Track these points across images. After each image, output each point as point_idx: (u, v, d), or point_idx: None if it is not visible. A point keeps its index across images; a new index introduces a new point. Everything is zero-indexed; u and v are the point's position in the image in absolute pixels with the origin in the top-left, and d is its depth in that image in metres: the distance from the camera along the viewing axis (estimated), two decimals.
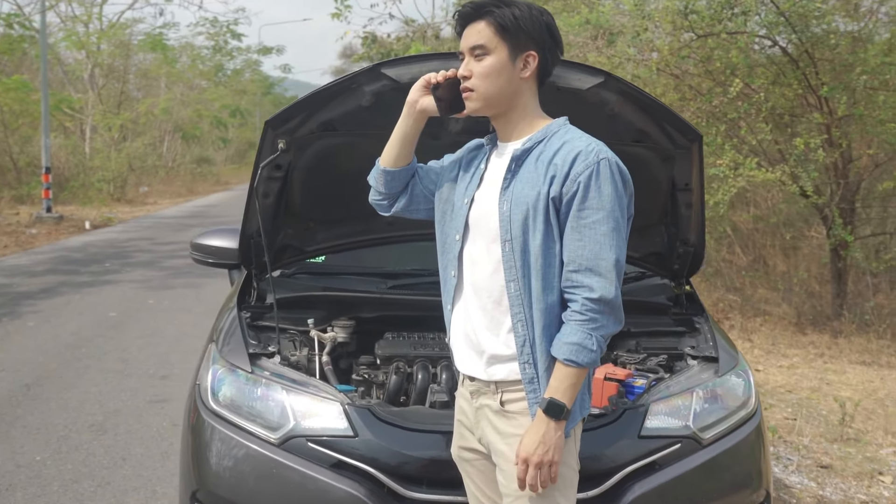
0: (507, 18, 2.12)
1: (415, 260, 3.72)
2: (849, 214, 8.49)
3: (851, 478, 4.76)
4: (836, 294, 8.89)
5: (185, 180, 28.72)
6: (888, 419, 5.81)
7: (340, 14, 15.38)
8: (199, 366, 3.07)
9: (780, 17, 7.74)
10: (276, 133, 2.90)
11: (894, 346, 7.82)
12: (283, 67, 46.06)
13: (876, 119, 7.77)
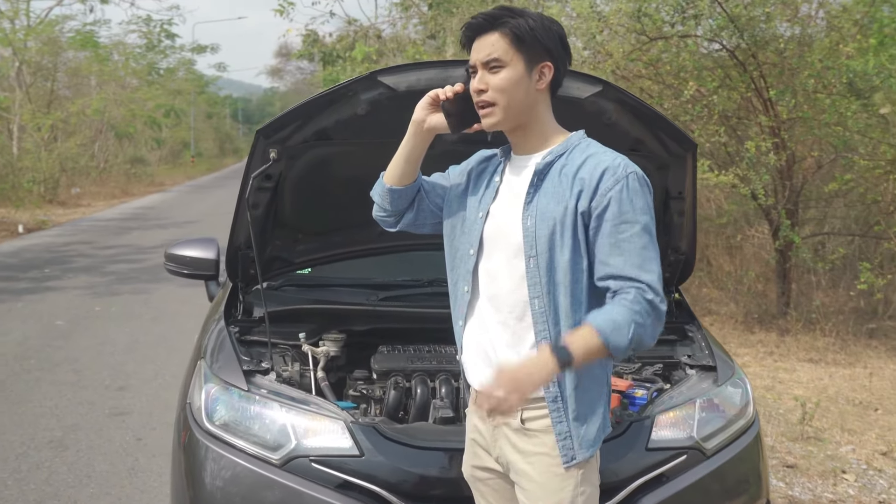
0: (523, 29, 2.09)
1: (404, 271, 3.67)
2: (793, 215, 8.68)
3: (817, 477, 4.85)
4: (781, 293, 9.09)
5: (118, 181, 28.03)
6: (842, 417, 5.94)
7: (284, 10, 15.17)
8: (185, 383, 2.97)
9: (729, 22, 7.87)
10: (268, 142, 2.83)
11: (839, 344, 8.01)
12: (218, 66, 45.45)
13: (821, 122, 7.96)
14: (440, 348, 3.12)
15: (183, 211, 20.59)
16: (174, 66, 37.98)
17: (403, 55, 15.44)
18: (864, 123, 8.17)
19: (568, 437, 2.09)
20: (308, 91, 46.51)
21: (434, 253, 3.48)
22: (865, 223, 9.66)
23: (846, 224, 10.19)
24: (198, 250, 3.86)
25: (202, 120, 48.89)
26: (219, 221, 17.57)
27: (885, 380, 6.99)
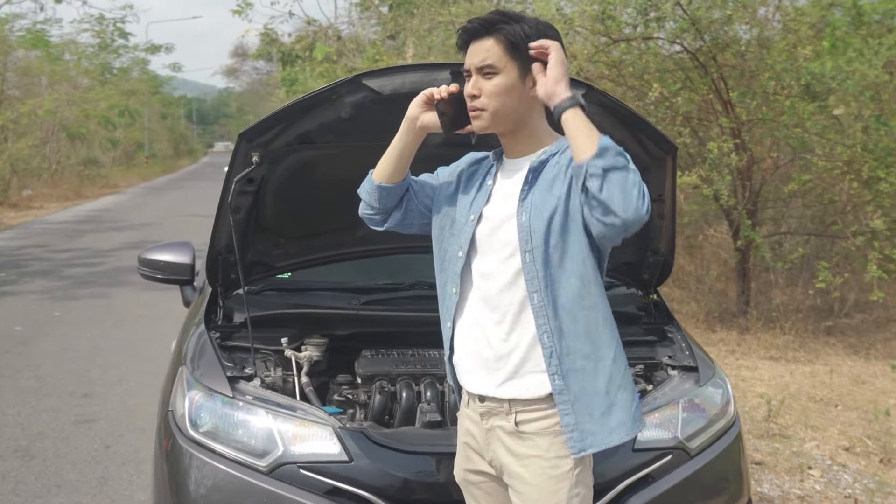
0: (517, 36, 2.09)
1: (386, 274, 3.66)
2: (753, 215, 8.82)
3: (784, 473, 4.93)
4: (741, 292, 9.23)
5: (71, 183, 27.54)
6: (805, 413, 6.05)
7: (242, 11, 15.08)
8: (166, 390, 2.93)
9: (690, 24, 7.97)
10: (251, 146, 2.80)
11: (798, 342, 8.15)
12: (173, 66, 44.90)
13: (780, 123, 8.09)
14: (424, 352, 3.12)
15: (139, 213, 20.30)
16: (128, 66, 37.52)
17: (363, 55, 15.44)
18: (821, 125, 8.33)
19: (575, 429, 2.08)
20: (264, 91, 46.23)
21: (416, 256, 3.49)
22: (821, 223, 9.84)
23: (802, 224, 10.38)
24: (172, 255, 3.81)
25: (156, 120, 48.31)
26: (177, 224, 17.38)
27: (843, 376, 7.13)
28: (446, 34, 13.20)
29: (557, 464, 2.10)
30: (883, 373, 7.21)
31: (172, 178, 38.77)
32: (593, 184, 1.88)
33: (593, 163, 1.89)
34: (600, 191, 1.87)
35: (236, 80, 61.40)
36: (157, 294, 9.34)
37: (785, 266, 8.98)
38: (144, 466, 4.54)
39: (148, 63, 39.73)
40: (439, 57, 13.27)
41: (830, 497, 4.61)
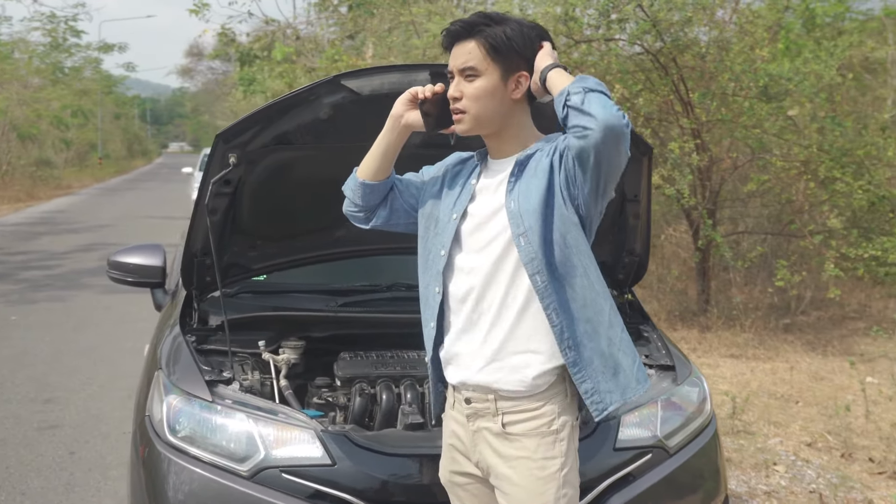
0: (499, 39, 2.09)
1: (362, 276, 3.64)
2: (713, 215, 8.93)
3: (750, 469, 5.00)
4: (701, 291, 9.34)
5: (23, 184, 26.98)
6: (767, 410, 6.14)
7: (199, 11, 14.91)
8: (141, 395, 2.88)
9: (651, 26, 8.05)
10: (228, 147, 2.77)
11: (758, 339, 8.27)
12: (127, 66, 44.20)
13: (740, 124, 8.21)
14: (403, 353, 3.11)
15: (94, 215, 19.96)
16: (80, 66, 36.92)
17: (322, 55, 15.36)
18: (779, 126, 8.47)
19: (595, 392, 2.11)
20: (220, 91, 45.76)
21: (393, 258, 3.49)
22: (777, 221, 10.01)
23: (759, 223, 10.54)
24: (143, 257, 3.75)
25: (110, 121, 47.58)
26: (134, 225, 17.15)
27: (802, 373, 7.25)
28: (406, 34, 13.21)
29: (545, 465, 2.11)
30: (840, 369, 7.34)
31: (127, 178, 38.22)
32: (574, 99, 1.92)
33: (575, 85, 1.95)
34: (581, 104, 1.91)
35: (191, 80, 60.88)
36: (118, 297, 9.21)
37: (744, 265, 9.11)
38: (112, 472, 4.48)
39: (101, 62, 39.20)
40: (399, 57, 13.26)
41: (796, 492, 4.68)
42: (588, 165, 1.98)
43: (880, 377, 7.08)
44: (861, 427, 5.77)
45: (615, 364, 2.13)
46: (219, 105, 46.57)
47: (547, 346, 2.12)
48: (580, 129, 1.92)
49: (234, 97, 27.29)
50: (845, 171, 8.28)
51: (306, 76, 14.87)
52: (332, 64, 14.72)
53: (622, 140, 1.93)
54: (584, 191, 2.05)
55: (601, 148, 1.92)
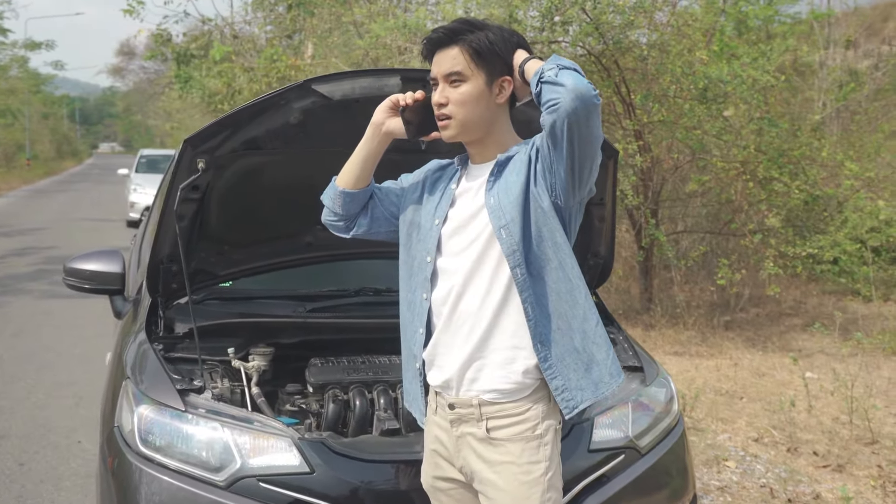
0: (482, 44, 2.12)
1: (329, 281, 3.61)
2: (655, 215, 9.09)
3: (702, 465, 5.10)
4: (644, 289, 9.50)
5: None
6: (714, 407, 6.27)
7: (133, 10, 14.62)
8: (108, 406, 2.82)
9: (594, 28, 8.15)
10: (196, 152, 2.73)
11: (700, 337, 8.44)
12: (55, 64, 43.00)
13: (680, 125, 8.37)
14: (374, 358, 3.10)
15: (27, 218, 19.39)
16: (6, 64, 35.87)
17: (261, 55, 15.21)
18: (718, 127, 8.65)
19: (565, 389, 2.14)
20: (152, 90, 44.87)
21: (358, 262, 3.47)
22: (716, 220, 10.22)
23: (697, 222, 10.76)
24: (101, 263, 3.66)
25: (38, 120, 46.31)
26: (68, 228, 16.72)
27: (745, 369, 7.42)
28: (347, 35, 13.15)
29: (530, 469, 2.13)
30: (781, 365, 7.54)
31: (57, 180, 37.21)
32: (548, 74, 1.96)
33: (549, 62, 2.00)
34: (555, 77, 1.95)
35: (122, 79, 59.65)
36: (58, 302, 9.00)
37: (686, 264, 9.29)
38: (65, 483, 4.37)
39: (28, 61, 38.12)
40: (340, 58, 13.21)
41: (747, 487, 4.79)
42: (561, 141, 1.99)
43: (818, 372, 7.27)
44: (804, 422, 5.93)
45: (588, 358, 2.17)
46: (151, 105, 45.67)
47: (529, 341, 2.15)
48: (551, 102, 1.94)
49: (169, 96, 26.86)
50: (783, 171, 8.49)
51: (245, 76, 14.71)
52: (270, 64, 14.59)
53: (593, 112, 1.95)
54: (561, 174, 2.06)
55: (572, 119, 1.93)
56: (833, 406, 6.26)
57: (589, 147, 2.02)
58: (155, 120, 44.25)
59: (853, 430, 5.68)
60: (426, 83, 2.24)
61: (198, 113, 25.59)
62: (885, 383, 6.77)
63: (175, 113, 29.53)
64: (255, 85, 14.69)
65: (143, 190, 16.87)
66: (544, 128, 2.00)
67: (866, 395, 6.03)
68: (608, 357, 2.20)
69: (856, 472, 5.09)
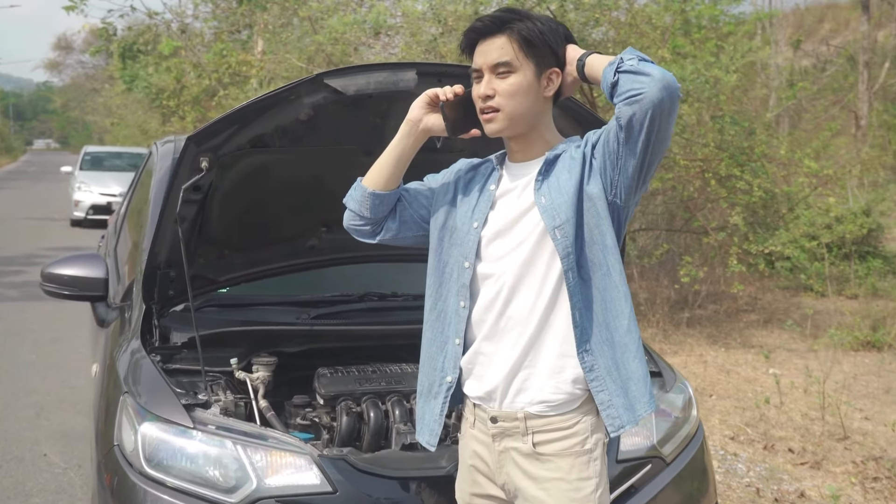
0: (533, 33, 2.02)
1: (331, 286, 3.44)
2: None
3: None
4: None
5: None
6: None
7: (76, 6, 14.19)
8: (104, 423, 2.64)
9: None
10: (200, 150, 2.56)
11: (662, 334, 8.48)
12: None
13: None
14: (385, 367, 2.95)
15: None
16: None
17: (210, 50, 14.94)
18: (681, 125, 8.67)
19: (611, 405, 2.03)
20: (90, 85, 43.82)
21: (360, 266, 3.33)
22: (672, 219, 10.27)
23: (654, 220, 10.81)
24: (82, 268, 3.45)
25: None
26: (12, 227, 16.13)
27: (710, 366, 7.45)
28: (302, 30, 12.93)
29: (580, 486, 2.03)
30: (744, 361, 7.60)
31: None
32: (629, 63, 1.88)
33: (628, 53, 1.91)
34: (637, 66, 1.86)
35: (58, 74, 58.11)
36: (6, 306, 8.65)
37: (650, 262, 9.31)
38: (34, 500, 4.16)
39: None
40: (294, 52, 13.01)
41: (733, 486, 4.77)
42: (639, 135, 1.89)
43: (781, 368, 7.34)
44: (775, 419, 5.95)
45: (627, 376, 2.05)
46: (90, 101, 44.50)
47: (575, 349, 2.04)
48: (634, 92, 1.85)
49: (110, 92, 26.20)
50: (744, 169, 8.55)
51: (194, 71, 14.41)
52: (220, 59, 14.33)
53: (675, 104, 1.87)
54: (628, 171, 1.97)
55: (656, 110, 1.84)
56: (801, 402, 6.31)
57: (663, 143, 1.93)
58: (94, 116, 43.12)
59: (825, 427, 5.72)
60: (435, 76, 2.16)
61: (140, 109, 25.00)
62: (847, 378, 6.83)
63: (116, 109, 28.77)
64: (204, 81, 14.41)
65: (88, 188, 16.44)
66: (620, 120, 1.89)
67: (834, 391, 6.08)
68: (645, 379, 2.08)
69: (833, 469, 5.11)
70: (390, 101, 2.56)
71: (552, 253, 2.03)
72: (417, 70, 2.51)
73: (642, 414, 2.06)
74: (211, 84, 14.35)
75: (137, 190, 4.27)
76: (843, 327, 8.32)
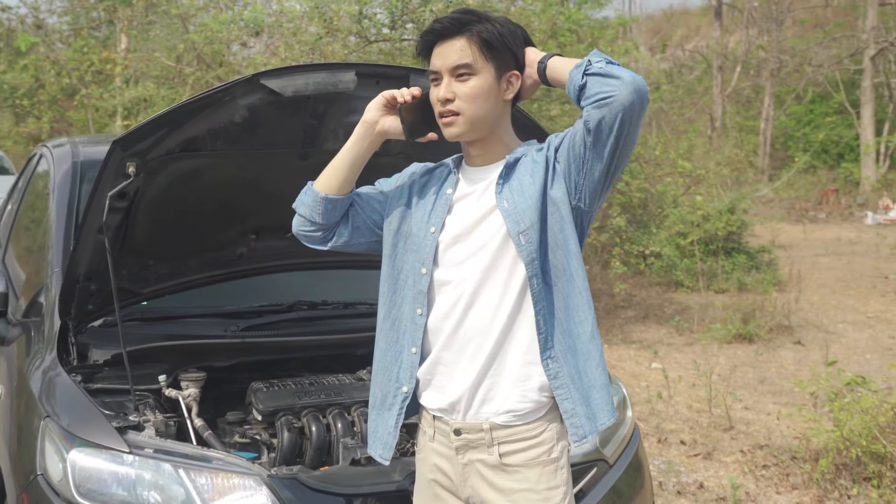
0: (493, 35, 1.97)
1: (258, 296, 3.27)
2: None
3: None
4: None
5: None
6: None
7: None
8: (21, 450, 2.43)
9: None
10: (126, 155, 2.39)
11: None
12: None
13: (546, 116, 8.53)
14: (322, 379, 2.83)
15: None
16: None
17: (71, 47, 14.31)
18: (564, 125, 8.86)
19: (574, 414, 1.99)
20: None
21: (292, 274, 3.20)
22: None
23: None
24: None
25: None
26: None
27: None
28: (172, 28, 12.52)
29: (549, 496, 2.00)
30: (628, 356, 7.82)
31: None
32: (598, 66, 1.86)
33: (595, 55, 1.89)
34: (607, 69, 1.85)
35: None
36: None
37: None
38: None
39: None
40: (161, 49, 12.60)
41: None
42: (607, 138, 1.87)
43: (662, 362, 7.58)
44: (664, 412, 6.13)
45: (589, 384, 2.02)
46: None
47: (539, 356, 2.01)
48: (603, 95, 1.83)
49: None
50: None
51: (53, 68, 13.70)
52: (82, 56, 13.72)
53: (645, 107, 1.86)
54: (594, 175, 1.94)
55: (626, 114, 1.83)
56: (685, 395, 6.52)
57: (631, 146, 1.92)
58: None
59: (711, 418, 5.93)
60: (373, 77, 2.17)
61: None
62: (724, 370, 7.09)
63: None
64: (64, 79, 13.72)
65: None
66: (588, 123, 1.87)
67: (715, 383, 6.31)
68: (607, 387, 2.06)
69: (723, 459, 5.30)
70: (328, 102, 2.48)
71: (514, 258, 1.99)
72: (356, 71, 2.42)
73: (604, 423, 2.03)
74: (72, 83, 13.66)
75: (27, 197, 3.97)
76: (716, 321, 8.67)
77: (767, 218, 14.88)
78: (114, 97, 12.22)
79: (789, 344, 8.30)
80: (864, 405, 4.83)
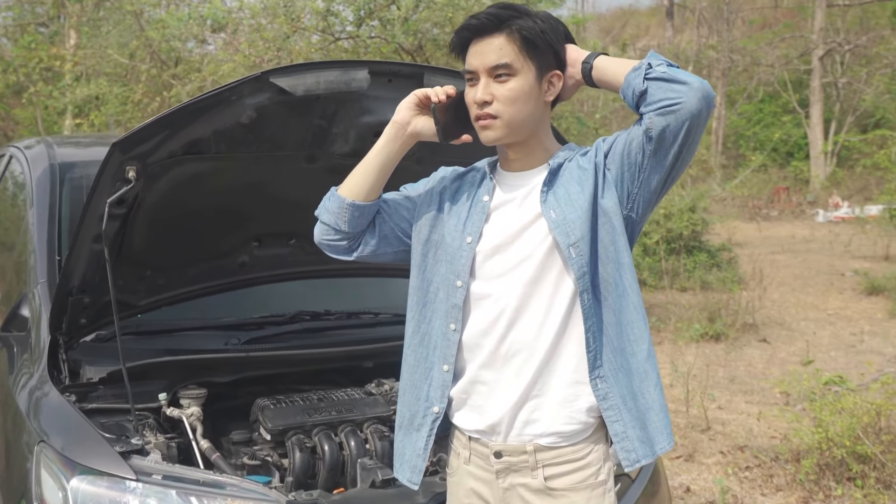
0: (534, 32, 1.84)
1: (255, 306, 3.09)
2: None
3: None
4: None
5: None
6: None
7: None
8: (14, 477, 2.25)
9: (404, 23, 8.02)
10: (125, 158, 2.21)
11: None
12: None
13: None
14: (330, 394, 2.68)
15: None
16: None
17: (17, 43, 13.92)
18: None
19: (626, 437, 1.88)
20: None
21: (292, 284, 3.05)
22: None
23: None
24: None
25: None
26: None
27: None
28: (123, 25, 12.22)
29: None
30: None
31: None
32: (659, 70, 1.75)
33: (654, 58, 1.79)
34: (671, 73, 1.75)
35: None
36: None
37: None
38: None
39: None
40: (113, 46, 12.29)
41: None
42: (670, 147, 1.77)
43: None
44: None
45: (646, 406, 1.90)
46: None
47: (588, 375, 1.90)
48: (669, 102, 1.72)
49: None
50: None
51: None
52: (29, 53, 13.33)
53: (710, 114, 1.76)
54: (650, 185, 1.84)
55: (694, 122, 1.73)
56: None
57: (692, 154, 1.81)
58: None
59: (688, 419, 5.90)
60: (387, 75, 2.08)
61: None
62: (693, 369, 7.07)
63: None
64: (11, 76, 13.29)
65: None
66: (650, 131, 1.76)
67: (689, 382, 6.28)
68: (664, 409, 1.93)
69: (705, 461, 5.28)
70: (338, 102, 2.33)
71: (560, 270, 1.87)
72: (370, 69, 2.28)
73: (664, 448, 1.92)
74: (18, 80, 13.24)
75: None
76: (683, 320, 8.67)
77: (724, 216, 14.99)
78: (64, 95, 11.87)
79: (755, 342, 8.34)
80: (843, 405, 4.84)
